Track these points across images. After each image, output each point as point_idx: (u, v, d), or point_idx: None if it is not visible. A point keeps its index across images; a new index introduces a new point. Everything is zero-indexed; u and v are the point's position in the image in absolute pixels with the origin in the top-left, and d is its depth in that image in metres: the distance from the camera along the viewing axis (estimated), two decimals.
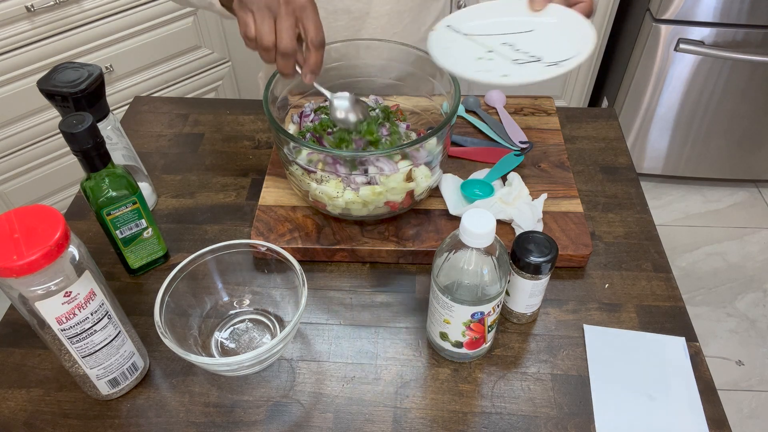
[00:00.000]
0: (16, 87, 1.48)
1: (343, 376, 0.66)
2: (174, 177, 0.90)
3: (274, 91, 0.76)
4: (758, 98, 1.77)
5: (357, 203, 0.73)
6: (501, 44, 0.66)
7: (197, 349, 0.65)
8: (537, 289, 0.66)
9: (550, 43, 0.66)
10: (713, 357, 1.60)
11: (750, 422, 1.49)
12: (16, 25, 1.40)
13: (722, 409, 0.63)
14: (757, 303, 1.73)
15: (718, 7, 1.59)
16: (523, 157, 0.86)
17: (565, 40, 0.65)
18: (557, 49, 0.65)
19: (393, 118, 0.82)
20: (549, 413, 0.63)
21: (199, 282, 0.68)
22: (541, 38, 0.66)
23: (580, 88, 2.01)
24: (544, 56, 0.64)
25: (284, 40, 0.63)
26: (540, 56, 0.64)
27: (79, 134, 0.60)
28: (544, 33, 0.67)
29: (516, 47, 0.66)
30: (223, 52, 1.81)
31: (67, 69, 0.69)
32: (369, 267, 0.77)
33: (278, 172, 0.85)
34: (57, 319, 0.54)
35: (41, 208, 0.52)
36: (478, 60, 0.65)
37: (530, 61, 0.64)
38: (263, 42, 0.63)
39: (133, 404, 0.64)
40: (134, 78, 1.68)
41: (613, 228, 0.81)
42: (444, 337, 0.64)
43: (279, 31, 0.63)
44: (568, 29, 0.66)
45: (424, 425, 0.62)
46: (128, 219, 0.69)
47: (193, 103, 1.04)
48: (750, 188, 2.05)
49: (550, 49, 0.65)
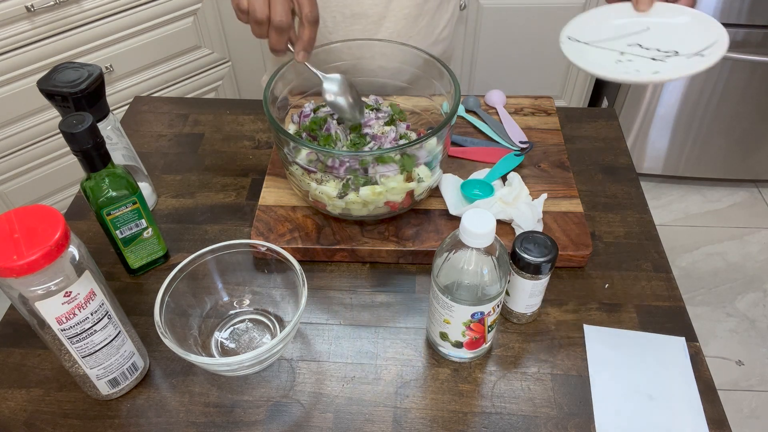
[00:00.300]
0: (16, 87, 1.48)
1: (343, 376, 0.66)
2: (174, 177, 0.90)
3: (274, 91, 0.76)
4: (758, 98, 1.77)
5: (357, 203, 0.73)
6: (628, 46, 0.65)
7: (197, 349, 0.65)
8: (537, 289, 0.66)
9: (675, 37, 0.65)
10: (713, 357, 1.60)
11: (750, 422, 1.49)
12: (16, 25, 1.40)
13: (722, 409, 0.63)
14: (757, 303, 1.73)
15: (718, 7, 1.59)
16: (523, 157, 0.86)
17: (688, 31, 0.64)
18: (687, 41, 0.63)
19: (398, 117, 0.82)
20: (549, 413, 0.63)
21: (199, 282, 0.68)
22: (663, 34, 0.65)
23: (580, 88, 2.01)
24: (680, 49, 0.63)
25: (278, 13, 0.61)
26: (675, 50, 0.63)
27: (79, 134, 0.60)
28: (662, 29, 0.66)
29: (645, 46, 0.65)
30: (223, 52, 1.81)
31: (67, 69, 0.69)
32: (369, 267, 0.77)
33: (278, 172, 0.85)
34: (57, 319, 0.54)
35: (41, 208, 0.52)
36: (618, 63, 0.64)
37: (668, 56, 0.63)
38: (256, 14, 0.61)
39: (133, 404, 0.64)
40: (134, 78, 1.67)
41: (613, 228, 0.81)
42: (444, 337, 0.64)
43: (273, 4, 0.61)
44: (684, 21, 0.65)
45: (424, 425, 0.62)
46: (128, 219, 0.69)
47: (193, 103, 1.04)
48: (750, 188, 2.05)
49: (681, 42, 0.64)
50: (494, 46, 1.92)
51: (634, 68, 0.62)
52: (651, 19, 0.66)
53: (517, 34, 1.87)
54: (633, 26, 0.67)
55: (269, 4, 0.62)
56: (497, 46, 1.92)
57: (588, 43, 0.67)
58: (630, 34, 0.66)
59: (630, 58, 0.64)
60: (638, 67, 0.63)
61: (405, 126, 0.82)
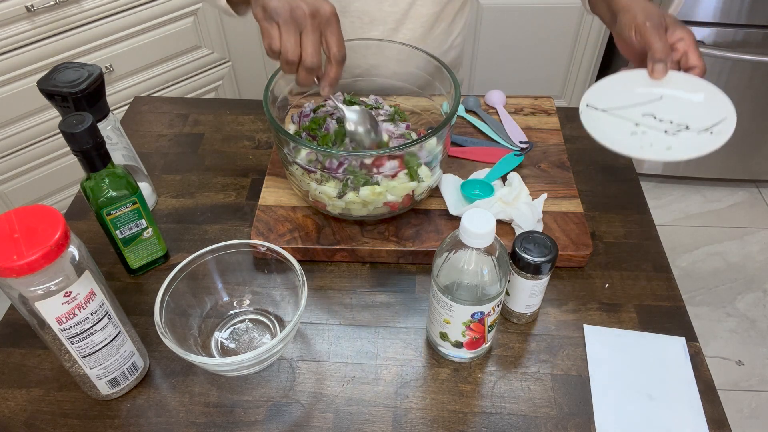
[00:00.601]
0: (16, 87, 1.48)
1: (343, 376, 0.66)
2: (174, 177, 0.90)
3: (274, 91, 0.76)
4: (758, 98, 1.77)
5: (357, 203, 0.73)
6: (642, 116, 0.69)
7: (197, 349, 0.65)
8: (537, 289, 0.66)
9: (686, 109, 0.68)
10: (713, 357, 1.60)
11: (750, 422, 1.49)
12: (16, 25, 1.40)
13: (722, 409, 0.63)
14: (757, 303, 1.73)
15: (718, 7, 1.59)
16: (523, 157, 0.86)
17: (698, 103, 0.68)
18: (698, 115, 0.67)
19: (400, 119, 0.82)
20: (549, 413, 0.63)
21: (199, 282, 0.68)
22: (674, 105, 0.69)
23: (580, 88, 2.01)
24: (690, 123, 0.67)
25: (309, 55, 0.63)
26: (686, 123, 0.67)
27: (79, 134, 0.60)
28: (673, 99, 0.69)
29: (658, 117, 0.68)
30: (223, 52, 1.81)
31: (67, 69, 0.69)
32: (369, 267, 0.77)
33: (278, 172, 0.85)
34: (57, 319, 0.54)
35: (41, 208, 0.52)
36: (632, 135, 0.68)
37: (679, 130, 0.67)
38: (288, 56, 0.63)
39: (133, 404, 0.64)
40: (134, 78, 1.67)
41: (613, 228, 0.81)
42: (444, 337, 0.64)
43: (305, 46, 0.63)
44: (694, 93, 0.69)
45: (424, 425, 0.62)
46: (128, 219, 0.69)
47: (193, 103, 1.04)
48: (750, 188, 2.05)
49: (692, 116, 0.68)
50: (494, 46, 1.92)
51: (648, 142, 0.67)
52: (664, 90, 0.69)
53: (517, 34, 1.87)
54: (648, 94, 0.70)
55: (301, 45, 0.63)
56: (497, 46, 1.92)
57: (605, 110, 0.70)
58: (645, 103, 0.69)
59: (644, 130, 0.68)
60: (652, 141, 0.67)
61: (405, 126, 0.82)
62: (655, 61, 0.68)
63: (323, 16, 0.62)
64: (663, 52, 0.68)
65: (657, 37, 0.68)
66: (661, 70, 0.68)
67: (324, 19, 0.62)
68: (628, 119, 0.69)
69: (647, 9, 0.71)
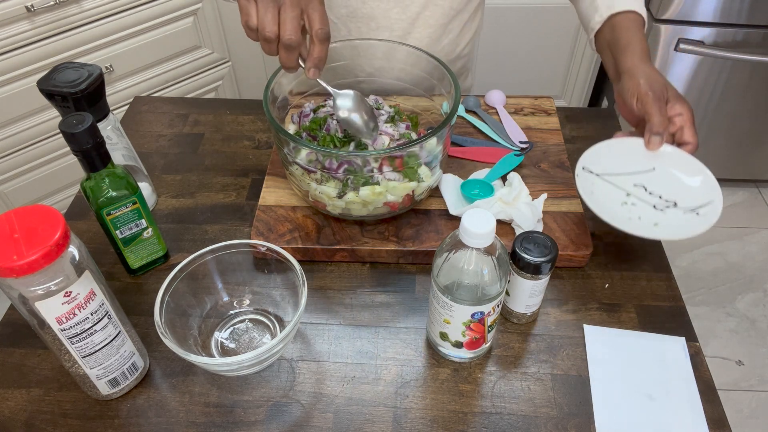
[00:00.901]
0: (16, 87, 1.48)
1: (343, 376, 0.66)
2: (174, 177, 0.90)
3: (274, 91, 0.76)
4: (758, 98, 1.77)
5: (357, 203, 0.73)
6: (634, 186, 0.72)
7: (197, 349, 0.65)
8: (537, 289, 0.66)
9: (675, 184, 0.72)
10: (713, 357, 1.60)
11: (750, 422, 1.49)
12: (16, 25, 1.40)
13: (722, 409, 0.63)
14: (757, 303, 1.73)
15: (718, 7, 1.59)
16: (523, 157, 0.86)
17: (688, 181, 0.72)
18: (686, 193, 0.71)
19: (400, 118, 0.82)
20: (549, 413, 0.63)
21: (199, 282, 0.68)
22: (666, 179, 0.72)
23: (580, 88, 2.01)
24: (678, 200, 0.71)
25: (288, 31, 0.60)
26: (673, 199, 0.70)
27: (79, 134, 0.60)
28: (665, 173, 0.72)
29: (648, 189, 0.71)
30: (223, 52, 1.81)
31: (67, 69, 0.69)
32: (369, 267, 0.77)
33: (278, 172, 0.85)
34: (57, 319, 0.54)
35: (41, 208, 0.52)
36: (623, 206, 0.70)
37: (668, 206, 0.70)
38: (265, 32, 0.60)
39: (133, 404, 0.64)
40: (134, 78, 1.67)
41: (613, 228, 0.81)
42: (444, 337, 0.64)
43: (282, 21, 0.60)
44: (685, 170, 0.72)
45: (424, 425, 0.62)
46: (128, 219, 0.69)
47: (193, 103, 1.04)
48: (750, 188, 2.05)
49: (680, 192, 0.71)
50: (494, 46, 1.92)
51: (637, 214, 0.70)
52: (657, 162, 0.72)
53: (517, 34, 1.87)
54: (642, 164, 0.73)
55: (278, 22, 0.60)
56: (497, 46, 1.92)
57: (600, 175, 0.72)
58: (638, 172, 0.72)
59: (634, 202, 0.71)
60: (640, 214, 0.70)
61: (405, 126, 0.82)
62: (652, 133, 0.70)
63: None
64: (661, 125, 0.70)
65: (657, 109, 0.70)
66: (657, 142, 0.70)
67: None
68: (620, 188, 0.72)
69: (651, 78, 0.72)
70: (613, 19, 0.79)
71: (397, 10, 0.89)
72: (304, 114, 0.83)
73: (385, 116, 0.81)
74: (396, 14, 0.90)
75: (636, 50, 0.75)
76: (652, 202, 0.70)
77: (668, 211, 0.69)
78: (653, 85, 0.71)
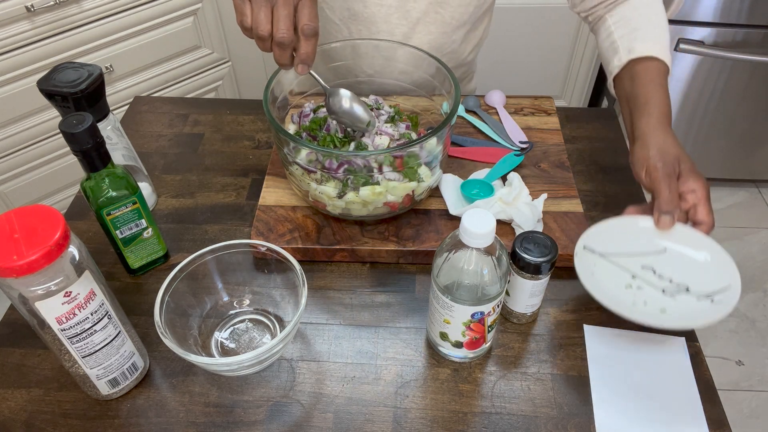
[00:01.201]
0: (16, 87, 1.48)
1: (343, 376, 0.66)
2: (174, 177, 0.90)
3: (274, 91, 0.76)
4: (758, 98, 1.77)
5: (357, 203, 0.73)
6: (641, 268, 0.65)
7: (197, 349, 0.65)
8: (537, 289, 0.66)
9: (688, 267, 0.64)
10: (713, 357, 1.60)
11: (750, 422, 1.49)
12: (16, 25, 1.40)
13: (722, 409, 0.63)
14: (757, 303, 1.73)
15: (718, 7, 1.59)
16: (523, 157, 0.86)
17: (702, 263, 0.64)
18: (700, 277, 0.63)
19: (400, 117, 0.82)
20: (549, 413, 0.63)
21: (199, 282, 0.68)
22: (678, 261, 0.65)
23: (580, 88, 2.01)
24: (690, 285, 0.63)
25: (281, 29, 0.61)
26: (686, 284, 0.63)
27: (79, 134, 0.60)
28: (678, 255, 0.65)
29: (657, 272, 0.64)
30: (223, 52, 1.81)
31: (67, 69, 0.69)
32: (369, 267, 0.77)
33: (278, 172, 0.85)
34: (57, 319, 0.54)
35: (41, 208, 0.52)
36: (627, 289, 0.64)
37: (678, 291, 0.62)
38: (259, 31, 0.62)
39: (133, 404, 0.64)
40: (134, 78, 1.67)
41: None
42: (444, 337, 0.64)
43: (276, 20, 0.62)
44: (700, 252, 0.65)
45: (424, 425, 0.62)
46: (128, 219, 0.69)
47: (193, 103, 1.04)
48: (750, 188, 2.05)
49: (693, 276, 0.64)
50: (494, 46, 1.91)
51: (642, 299, 0.63)
52: (669, 243, 0.65)
53: (517, 34, 1.87)
54: (651, 245, 0.66)
55: (272, 21, 0.62)
56: (497, 46, 1.92)
57: (603, 255, 0.66)
58: (647, 254, 0.65)
59: (640, 285, 0.63)
60: (646, 299, 0.63)
61: (405, 126, 0.82)
62: (661, 212, 0.64)
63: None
64: (671, 203, 0.64)
65: (666, 185, 0.64)
66: (667, 222, 0.64)
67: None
68: (625, 269, 0.65)
69: (664, 148, 0.66)
70: (635, 67, 0.73)
71: (397, 15, 0.89)
72: (304, 114, 0.83)
73: (385, 116, 0.81)
74: (396, 19, 0.90)
75: (653, 113, 0.69)
76: (661, 286, 0.63)
77: (679, 296, 0.62)
78: (665, 157, 0.65)
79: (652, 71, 0.73)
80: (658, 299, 0.62)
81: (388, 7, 0.88)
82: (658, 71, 0.73)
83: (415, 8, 0.89)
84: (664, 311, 0.62)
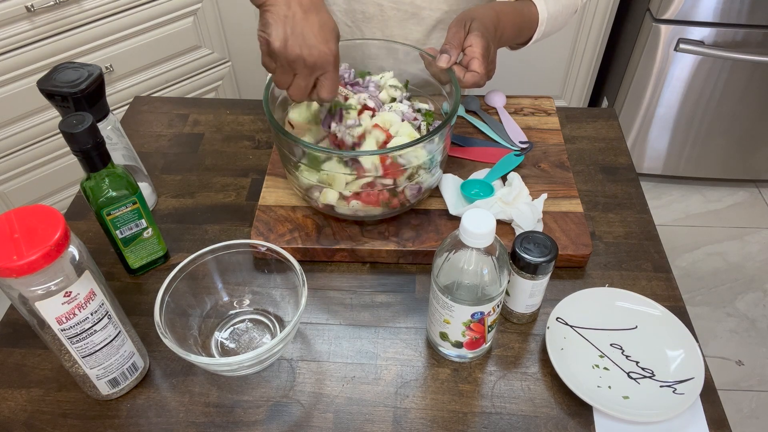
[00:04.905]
0: (16, 87, 1.47)
1: (343, 376, 0.66)
2: (174, 177, 0.90)
3: (274, 91, 0.76)
4: (758, 98, 1.77)
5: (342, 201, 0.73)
6: (610, 345, 0.67)
7: (197, 349, 0.65)
8: (537, 289, 0.66)
9: (656, 350, 0.66)
10: (713, 357, 1.60)
11: (750, 422, 1.49)
12: (16, 25, 1.40)
13: (722, 409, 0.63)
14: (757, 303, 1.73)
15: (718, 7, 1.59)
16: (523, 157, 0.86)
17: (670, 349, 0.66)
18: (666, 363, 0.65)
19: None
20: (549, 413, 0.63)
21: (199, 282, 0.68)
22: (646, 340, 0.67)
23: (580, 88, 2.01)
24: (655, 370, 0.65)
25: (295, 96, 0.67)
26: (651, 369, 0.65)
27: (79, 134, 0.60)
28: (647, 333, 0.68)
29: (625, 352, 0.66)
30: (223, 52, 1.81)
31: (67, 69, 0.69)
32: (369, 267, 0.77)
33: (278, 172, 0.85)
34: (57, 319, 0.54)
35: (41, 208, 0.52)
36: (593, 369, 0.65)
37: (644, 376, 0.64)
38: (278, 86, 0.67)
39: (133, 404, 0.64)
40: (134, 78, 1.67)
41: (613, 228, 0.81)
42: (444, 337, 0.64)
43: (293, 88, 0.66)
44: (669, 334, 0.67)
45: (424, 425, 0.62)
46: (128, 219, 0.69)
47: (193, 103, 1.04)
48: (750, 188, 2.05)
49: (659, 361, 0.65)
50: None
51: (607, 383, 0.64)
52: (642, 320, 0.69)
53: None
54: (622, 319, 0.69)
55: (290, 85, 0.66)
56: None
57: (574, 327, 0.68)
58: (616, 330, 0.68)
59: (607, 366, 0.65)
60: (611, 383, 0.64)
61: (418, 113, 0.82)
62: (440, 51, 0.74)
63: (320, 68, 0.64)
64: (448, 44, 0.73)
65: (452, 32, 0.74)
66: (443, 60, 0.73)
67: (319, 69, 0.64)
68: (593, 345, 0.67)
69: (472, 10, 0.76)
70: None
71: (413, 20, 0.90)
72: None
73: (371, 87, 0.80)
74: (413, 24, 0.91)
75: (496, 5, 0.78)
76: (627, 369, 0.65)
77: (643, 382, 0.64)
78: (464, 15, 0.75)
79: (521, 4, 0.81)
80: (623, 384, 0.64)
81: (404, 12, 0.90)
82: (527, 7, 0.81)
83: (431, 15, 0.90)
84: (627, 398, 0.62)
